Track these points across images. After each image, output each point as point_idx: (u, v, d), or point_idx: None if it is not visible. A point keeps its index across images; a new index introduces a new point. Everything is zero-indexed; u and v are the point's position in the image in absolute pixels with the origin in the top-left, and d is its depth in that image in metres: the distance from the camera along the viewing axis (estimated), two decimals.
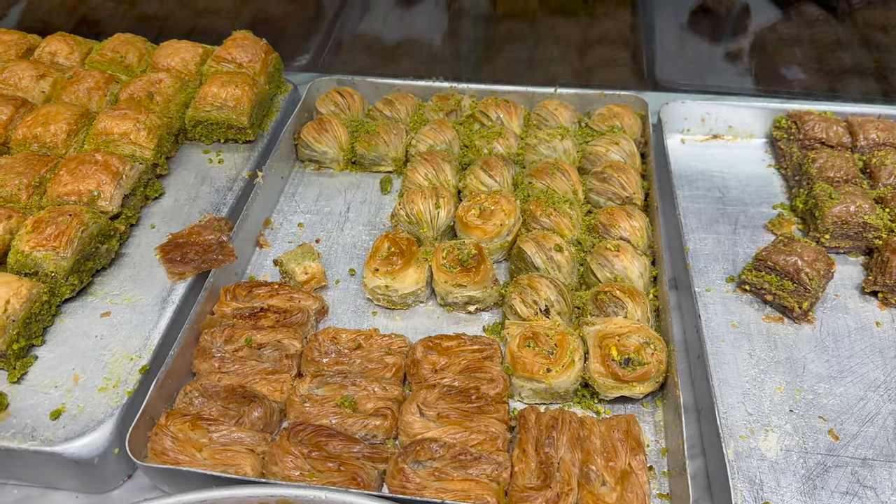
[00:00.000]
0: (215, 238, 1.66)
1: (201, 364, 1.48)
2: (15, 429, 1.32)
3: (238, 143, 1.97)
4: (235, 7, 2.40)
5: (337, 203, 1.95)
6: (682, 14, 2.56)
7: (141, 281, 1.61)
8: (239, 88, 1.90)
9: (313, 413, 1.40)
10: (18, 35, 2.16)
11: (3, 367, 1.41)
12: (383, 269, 1.64)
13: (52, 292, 1.49)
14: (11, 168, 1.66)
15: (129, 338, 1.49)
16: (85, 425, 1.32)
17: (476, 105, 2.13)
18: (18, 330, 1.41)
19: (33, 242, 1.49)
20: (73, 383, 1.40)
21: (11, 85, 1.93)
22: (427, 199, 1.78)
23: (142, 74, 1.98)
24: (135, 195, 1.73)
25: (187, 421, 1.35)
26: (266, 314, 1.56)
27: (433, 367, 1.47)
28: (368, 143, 1.99)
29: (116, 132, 1.77)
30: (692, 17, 2.57)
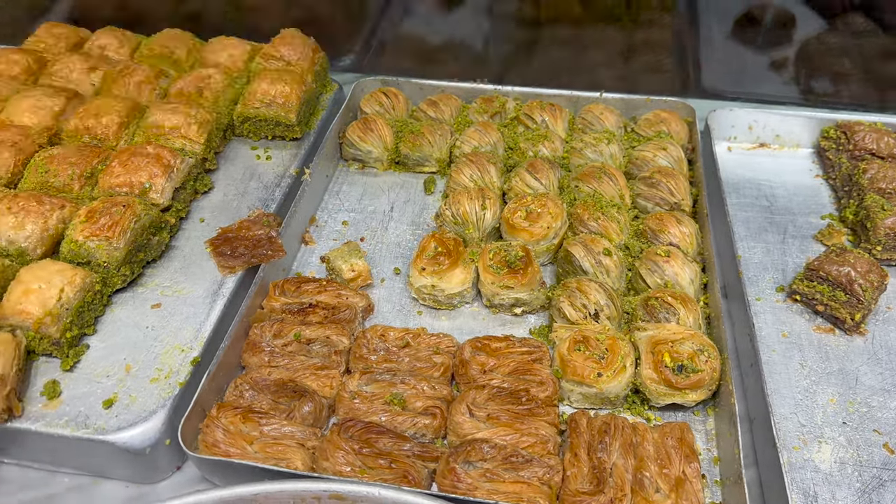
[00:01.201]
0: (265, 233, 1.66)
1: (251, 358, 1.48)
2: (68, 416, 1.33)
3: (285, 141, 1.98)
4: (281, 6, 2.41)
5: (381, 202, 1.95)
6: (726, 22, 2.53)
7: (191, 274, 1.61)
8: (288, 86, 1.91)
9: (363, 409, 1.39)
10: (69, 28, 2.19)
11: (57, 356, 1.42)
12: (430, 268, 1.63)
13: (105, 282, 1.50)
14: (64, 158, 1.67)
15: (180, 329, 1.49)
16: (137, 415, 1.33)
17: (520, 108, 2.13)
18: (72, 318, 1.42)
19: (87, 232, 1.50)
20: (125, 373, 1.40)
21: (63, 77, 1.96)
22: (473, 201, 1.78)
23: (191, 70, 1.99)
24: (185, 189, 1.73)
25: (238, 414, 1.35)
26: (315, 310, 1.56)
27: (482, 367, 1.46)
28: (413, 144, 1.99)
29: (167, 126, 1.78)
30: (737, 24, 2.54)
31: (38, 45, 2.13)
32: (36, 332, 1.38)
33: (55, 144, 1.80)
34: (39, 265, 1.45)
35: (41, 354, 1.43)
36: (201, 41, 2.15)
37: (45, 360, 1.43)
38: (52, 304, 1.39)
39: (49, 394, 1.36)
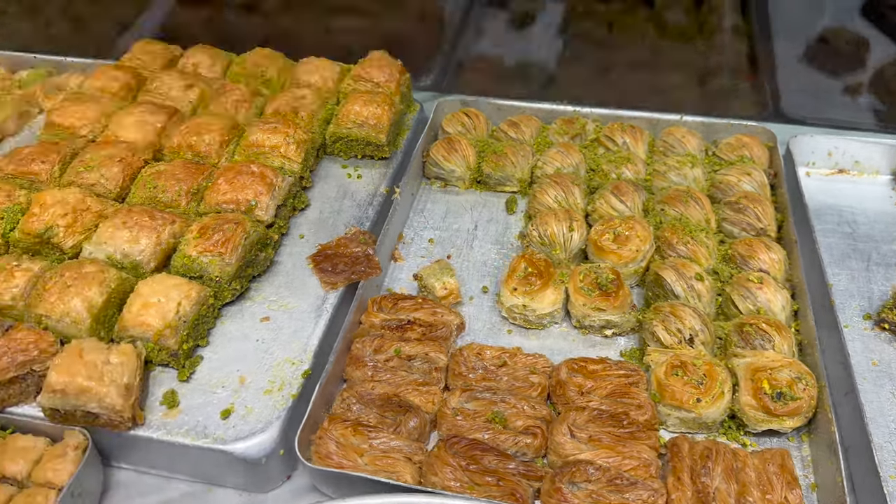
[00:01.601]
0: (362, 251, 1.72)
1: (354, 371, 1.54)
2: (188, 426, 1.39)
3: (374, 160, 2.04)
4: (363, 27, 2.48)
5: (464, 220, 2.00)
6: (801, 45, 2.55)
7: (295, 289, 1.67)
8: (380, 108, 1.97)
9: (465, 426, 1.43)
10: (162, 45, 2.28)
11: (174, 366, 1.48)
12: (522, 288, 1.67)
13: (216, 296, 1.57)
14: (172, 175, 1.75)
15: (288, 343, 1.55)
16: (254, 426, 1.39)
17: (600, 129, 2.16)
18: (188, 331, 1.48)
19: (201, 248, 1.57)
20: (240, 384, 1.46)
21: (161, 94, 2.04)
22: (561, 222, 1.81)
23: (286, 90, 2.06)
24: (285, 206, 1.80)
25: (348, 426, 1.40)
26: (412, 327, 1.61)
27: (579, 389, 1.50)
28: (496, 164, 2.04)
29: (267, 145, 1.85)
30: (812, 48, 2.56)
31: (133, 61, 2.22)
32: (155, 343, 1.45)
33: (158, 160, 1.87)
34: (157, 279, 1.52)
35: (157, 365, 1.49)
36: (291, 61, 2.21)
37: (161, 370, 1.50)
38: (170, 316, 1.45)
39: (168, 403, 1.42)
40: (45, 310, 1.44)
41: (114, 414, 1.34)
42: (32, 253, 1.64)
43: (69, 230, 1.62)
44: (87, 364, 1.35)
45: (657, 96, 2.39)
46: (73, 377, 1.33)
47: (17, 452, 1.35)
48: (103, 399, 1.33)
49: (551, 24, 2.76)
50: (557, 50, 2.64)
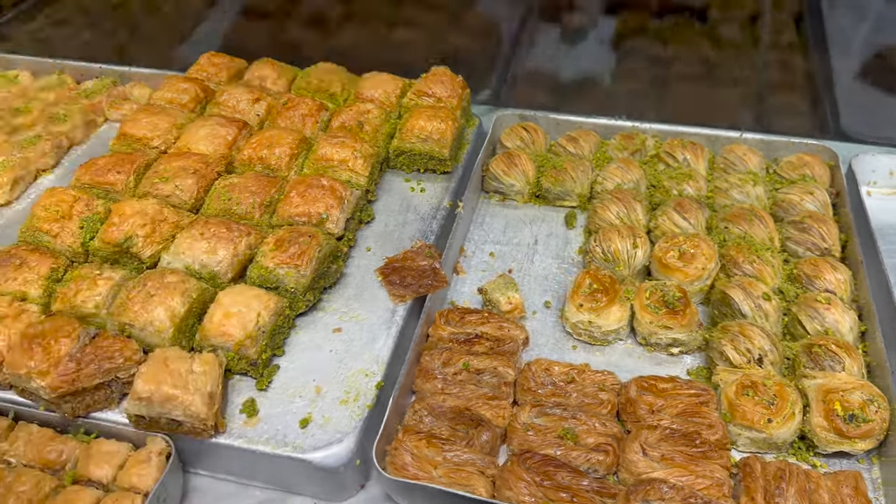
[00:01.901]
0: (428, 264, 1.74)
1: (424, 384, 1.56)
2: (268, 434, 1.43)
3: (436, 173, 2.07)
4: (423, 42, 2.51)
5: (524, 235, 2.02)
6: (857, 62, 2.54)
7: (365, 300, 1.70)
8: (443, 123, 2.00)
9: (537, 442, 1.45)
10: (227, 58, 2.33)
11: (253, 375, 1.52)
12: (587, 305, 1.69)
13: (291, 307, 1.60)
14: (245, 187, 1.79)
15: (361, 354, 1.58)
16: (332, 436, 1.42)
17: (660, 145, 2.17)
18: (266, 340, 1.52)
19: (277, 260, 1.61)
20: (316, 394, 1.50)
21: (230, 107, 2.08)
22: (625, 239, 1.83)
23: (351, 104, 2.10)
24: (353, 219, 1.83)
25: (422, 438, 1.43)
26: (480, 341, 1.63)
27: (650, 407, 1.51)
28: (555, 179, 2.06)
29: (336, 159, 1.88)
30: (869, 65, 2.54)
31: (200, 73, 2.27)
32: (236, 352, 1.48)
33: (230, 172, 1.92)
34: (236, 290, 1.56)
35: (236, 374, 1.53)
36: (353, 75, 2.26)
37: (239, 378, 1.54)
38: (251, 327, 1.49)
39: (248, 412, 1.46)
40: (129, 318, 1.49)
41: (198, 422, 1.38)
42: (111, 262, 1.69)
43: (148, 240, 1.67)
44: (173, 373, 1.39)
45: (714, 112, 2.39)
46: (159, 385, 1.37)
47: (103, 457, 1.40)
48: (188, 407, 1.37)
49: (604, 38, 2.77)
50: (611, 64, 2.66)
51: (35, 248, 1.67)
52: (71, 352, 1.42)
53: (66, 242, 1.70)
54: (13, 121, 2.30)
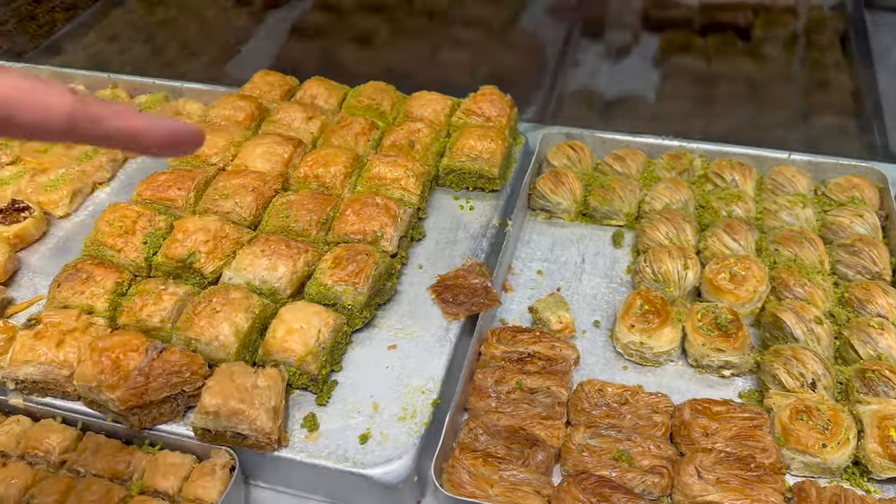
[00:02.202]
0: (480, 283, 1.77)
1: (478, 402, 1.59)
2: (328, 449, 1.46)
3: (484, 192, 2.10)
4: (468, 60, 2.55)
5: (571, 253, 2.04)
6: None
7: (418, 318, 1.74)
8: (493, 142, 2.03)
9: (591, 463, 1.47)
10: (280, 76, 2.38)
11: (312, 391, 1.56)
12: (639, 325, 1.71)
13: (348, 323, 1.64)
14: (302, 205, 1.83)
15: (416, 371, 1.61)
16: (391, 452, 1.45)
17: (708, 165, 2.18)
18: (326, 356, 1.56)
19: (336, 277, 1.64)
20: (374, 410, 1.53)
21: (285, 125, 2.13)
22: (675, 260, 1.84)
23: (401, 123, 2.14)
24: (405, 237, 1.87)
25: (478, 457, 1.45)
26: (532, 360, 1.65)
27: (704, 430, 1.52)
28: (603, 197, 2.08)
29: (389, 177, 1.92)
30: None
31: (254, 91, 2.32)
32: (298, 368, 1.52)
33: (286, 190, 1.96)
34: (298, 306, 1.60)
35: (296, 388, 1.57)
36: (402, 94, 2.30)
37: (299, 393, 1.58)
38: (312, 343, 1.53)
39: (309, 426, 1.49)
40: (195, 333, 1.53)
41: (262, 436, 1.42)
42: (174, 276, 1.74)
43: (210, 256, 1.71)
44: (239, 387, 1.43)
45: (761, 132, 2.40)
46: (226, 400, 1.41)
47: (168, 469, 1.44)
48: (254, 422, 1.40)
49: (647, 56, 2.79)
50: (655, 82, 2.67)
51: (100, 262, 1.73)
52: (140, 366, 1.46)
53: (129, 257, 1.75)
54: None
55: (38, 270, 1.97)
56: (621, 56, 2.82)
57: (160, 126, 0.76)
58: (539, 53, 2.71)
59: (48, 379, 1.53)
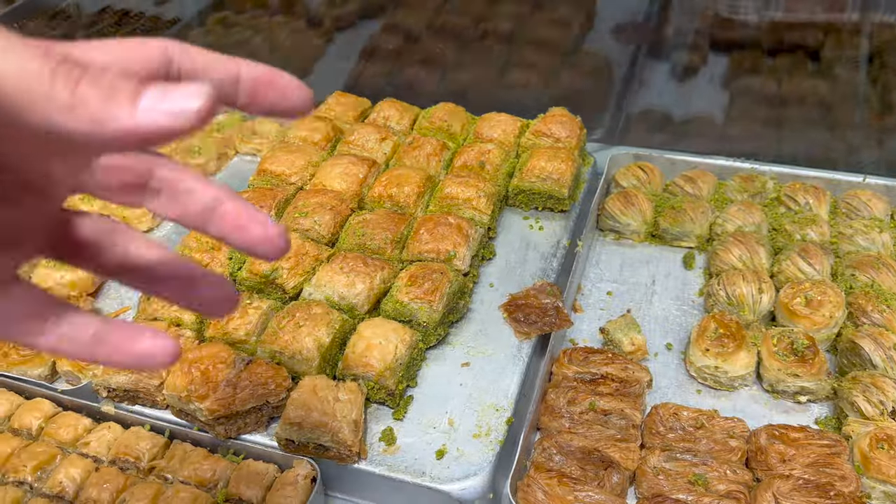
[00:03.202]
0: (551, 303, 1.79)
1: (550, 422, 1.60)
2: (406, 463, 1.50)
3: (553, 212, 2.12)
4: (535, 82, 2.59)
5: (641, 274, 2.04)
6: None
7: (490, 336, 1.77)
8: (563, 163, 2.05)
9: (667, 486, 1.47)
10: (353, 98, 2.46)
11: (389, 405, 1.60)
12: (714, 349, 1.70)
13: (423, 340, 1.68)
14: (378, 224, 1.89)
15: (489, 389, 1.64)
16: (467, 469, 1.48)
17: (780, 188, 2.16)
18: (403, 372, 1.60)
19: (412, 295, 1.69)
20: (449, 426, 1.56)
21: (359, 146, 2.20)
22: (750, 283, 1.83)
23: (472, 144, 2.18)
24: (476, 256, 1.90)
25: (553, 476, 1.47)
26: (605, 381, 1.66)
27: (781, 456, 1.51)
28: (674, 219, 2.08)
29: (461, 198, 1.96)
30: None
31: (328, 112, 2.40)
32: (376, 382, 1.57)
33: (361, 209, 2.02)
34: (376, 322, 1.64)
35: (373, 402, 1.61)
36: (472, 115, 2.34)
37: (376, 407, 1.62)
38: (389, 358, 1.57)
39: (387, 440, 1.53)
40: (279, 347, 1.59)
41: (343, 448, 1.46)
42: (257, 291, 1.80)
43: (291, 272, 1.78)
44: (322, 400, 1.48)
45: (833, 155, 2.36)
46: (309, 412, 1.46)
47: (252, 477, 1.49)
48: (336, 434, 1.45)
49: (714, 76, 2.78)
50: (723, 103, 2.66)
51: None
52: (228, 377, 1.53)
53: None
54: None
55: None
56: (689, 76, 2.81)
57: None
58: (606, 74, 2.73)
59: (139, 388, 1.61)
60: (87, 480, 1.52)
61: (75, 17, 3.64)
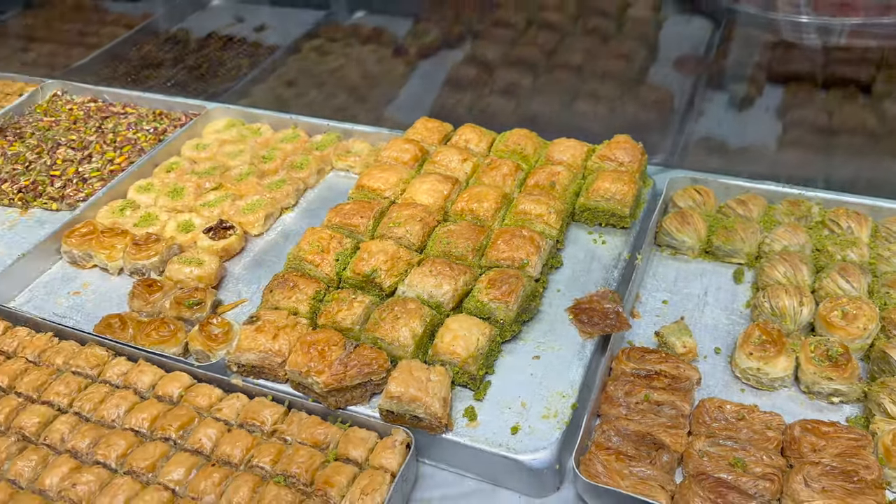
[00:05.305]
0: (612, 308, 2.05)
1: (609, 409, 1.86)
2: (485, 436, 1.78)
3: (615, 228, 2.38)
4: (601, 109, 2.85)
5: (694, 286, 2.28)
6: None
7: (558, 334, 2.03)
8: (626, 185, 2.31)
9: (710, 467, 1.71)
10: (437, 122, 2.76)
11: (471, 388, 1.88)
12: (757, 353, 1.93)
13: (500, 335, 1.96)
14: (461, 234, 2.18)
15: (557, 379, 1.91)
16: (538, 443, 1.75)
17: (825, 213, 2.37)
18: (483, 360, 1.88)
19: (491, 295, 1.97)
20: (521, 408, 1.84)
21: (444, 165, 2.50)
22: (792, 297, 2.05)
23: (543, 165, 2.46)
24: (546, 264, 2.18)
25: (611, 454, 1.73)
26: (659, 377, 1.91)
27: (812, 447, 1.73)
28: (726, 237, 2.31)
29: (533, 213, 2.24)
30: None
31: (416, 135, 2.71)
32: (460, 368, 1.85)
33: (446, 221, 2.32)
34: (460, 318, 1.94)
35: (457, 385, 1.90)
36: (543, 140, 2.62)
37: (459, 389, 1.90)
38: (472, 348, 1.86)
39: (469, 416, 1.82)
40: (381, 334, 1.90)
41: (434, 420, 1.75)
42: (358, 288, 2.12)
43: (388, 273, 2.08)
44: (417, 379, 1.77)
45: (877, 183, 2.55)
46: (407, 388, 1.76)
47: (358, 442, 1.79)
48: (429, 407, 1.74)
49: (769, 107, 2.99)
50: (776, 132, 2.87)
51: (302, 274, 2.14)
52: (340, 357, 1.84)
53: (324, 271, 2.15)
54: (262, 166, 2.84)
55: (240, 279, 2.42)
56: (745, 106, 3.03)
57: None
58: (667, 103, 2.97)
59: (264, 364, 1.93)
60: (221, 439, 1.84)
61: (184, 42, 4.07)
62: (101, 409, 1.94)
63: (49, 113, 3.39)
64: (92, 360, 2.06)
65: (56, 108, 3.42)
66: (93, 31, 4.09)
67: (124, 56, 3.88)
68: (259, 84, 3.52)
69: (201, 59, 3.87)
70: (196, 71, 3.78)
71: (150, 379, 2.02)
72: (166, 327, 2.13)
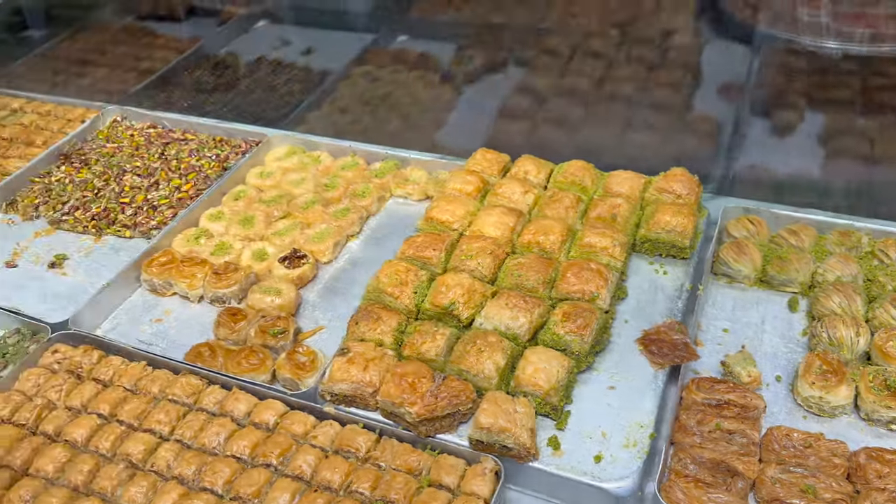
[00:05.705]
0: (680, 339, 2.17)
1: (683, 438, 1.98)
2: (570, 464, 1.90)
3: (674, 258, 2.49)
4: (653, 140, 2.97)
5: (752, 315, 2.39)
6: None
7: (629, 365, 2.15)
8: (686, 218, 2.43)
9: (783, 493, 1.83)
10: (495, 154, 2.87)
11: (553, 418, 2.01)
12: (819, 383, 2.05)
13: (576, 366, 2.08)
14: (530, 266, 2.30)
15: (633, 409, 2.03)
16: (621, 472, 1.87)
17: (874, 243, 2.48)
18: (563, 391, 2.00)
19: (566, 328, 2.09)
20: (603, 437, 1.96)
21: (506, 197, 2.62)
22: (849, 327, 2.17)
23: (603, 198, 2.58)
24: (613, 296, 2.30)
25: (690, 481, 1.85)
26: (728, 406, 2.03)
27: (878, 473, 1.85)
28: (781, 268, 2.42)
29: (598, 246, 2.36)
30: None
31: (475, 166, 2.83)
32: (543, 399, 1.97)
33: (514, 253, 2.44)
34: (539, 350, 2.06)
35: (539, 415, 2.02)
36: (600, 171, 2.74)
37: (541, 419, 2.03)
38: (554, 380, 1.98)
39: (553, 445, 1.94)
40: (466, 367, 2.02)
41: (523, 450, 1.88)
42: (437, 320, 2.24)
43: (465, 305, 2.21)
44: (505, 411, 1.90)
45: None
46: (496, 419, 1.88)
47: (449, 469, 1.91)
48: (518, 438, 1.87)
49: (813, 134, 3.10)
50: (821, 160, 2.98)
51: (384, 306, 2.26)
52: (430, 389, 1.96)
53: (404, 303, 2.27)
54: (325, 194, 2.96)
55: (315, 306, 2.54)
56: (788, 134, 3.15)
57: None
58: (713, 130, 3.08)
59: (356, 394, 2.06)
60: (320, 465, 1.96)
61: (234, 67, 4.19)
62: (202, 436, 2.06)
63: (111, 139, 3.51)
64: (188, 389, 2.19)
65: (117, 135, 3.53)
66: (145, 55, 4.22)
67: (178, 81, 4.00)
68: (314, 111, 3.64)
69: (253, 84, 3.99)
70: (250, 96, 3.89)
71: (246, 407, 2.14)
72: (255, 356, 2.26)
